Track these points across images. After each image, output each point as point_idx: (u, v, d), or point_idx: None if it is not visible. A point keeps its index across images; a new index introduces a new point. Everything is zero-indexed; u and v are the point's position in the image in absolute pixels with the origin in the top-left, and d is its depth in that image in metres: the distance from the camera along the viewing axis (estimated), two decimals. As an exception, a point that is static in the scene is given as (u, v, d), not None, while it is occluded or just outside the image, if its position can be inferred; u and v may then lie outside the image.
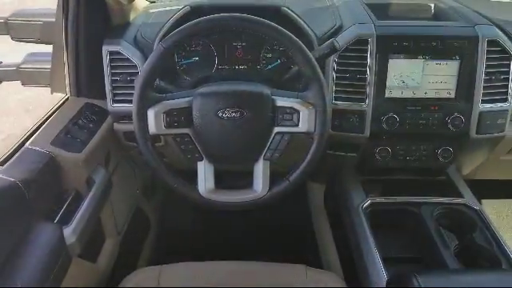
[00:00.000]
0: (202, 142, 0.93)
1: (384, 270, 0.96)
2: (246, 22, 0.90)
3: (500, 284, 0.79)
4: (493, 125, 1.11)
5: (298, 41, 0.90)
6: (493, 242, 1.03)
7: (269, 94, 0.92)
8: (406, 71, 1.10)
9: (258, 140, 0.93)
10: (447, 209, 1.14)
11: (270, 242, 1.67)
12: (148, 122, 0.91)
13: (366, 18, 1.15)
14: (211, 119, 0.90)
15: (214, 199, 0.95)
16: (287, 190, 0.95)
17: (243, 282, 0.96)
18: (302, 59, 0.90)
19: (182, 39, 0.90)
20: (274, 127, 0.92)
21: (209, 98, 0.90)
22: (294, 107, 0.91)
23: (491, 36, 1.08)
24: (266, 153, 0.94)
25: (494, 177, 1.53)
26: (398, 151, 1.19)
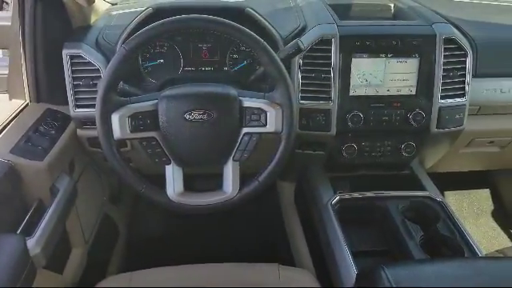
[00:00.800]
0: (169, 145, 0.91)
1: (353, 264, 0.98)
2: (209, 23, 0.90)
3: (463, 271, 0.82)
4: (452, 119, 1.16)
5: (263, 41, 0.90)
6: (455, 232, 1.08)
7: (236, 95, 0.92)
8: (369, 70, 1.13)
9: (227, 141, 0.93)
10: (412, 202, 1.18)
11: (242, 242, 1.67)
12: (112, 127, 0.88)
13: (329, 19, 1.17)
14: (178, 122, 0.89)
15: (183, 202, 0.94)
16: (257, 190, 0.95)
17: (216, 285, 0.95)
18: (267, 60, 0.90)
19: (145, 41, 0.89)
20: (242, 128, 0.93)
21: (175, 101, 0.89)
22: (261, 108, 0.91)
23: (447, 34, 1.13)
24: (235, 154, 0.93)
25: (455, 169, 1.60)
26: (364, 148, 1.22)
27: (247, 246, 1.63)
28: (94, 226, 1.37)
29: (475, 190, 2.02)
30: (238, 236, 1.70)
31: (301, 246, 1.40)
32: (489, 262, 0.88)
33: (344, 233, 1.08)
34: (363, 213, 1.22)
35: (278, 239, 1.59)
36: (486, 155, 1.45)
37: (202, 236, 1.69)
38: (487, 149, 1.40)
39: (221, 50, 1.21)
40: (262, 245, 1.65)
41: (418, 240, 1.05)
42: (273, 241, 1.64)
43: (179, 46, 1.19)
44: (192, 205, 0.95)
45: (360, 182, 1.29)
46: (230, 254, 1.21)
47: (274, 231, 1.64)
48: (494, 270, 0.83)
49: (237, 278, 0.97)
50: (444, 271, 0.83)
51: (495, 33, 1.29)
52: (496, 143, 1.38)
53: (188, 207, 0.95)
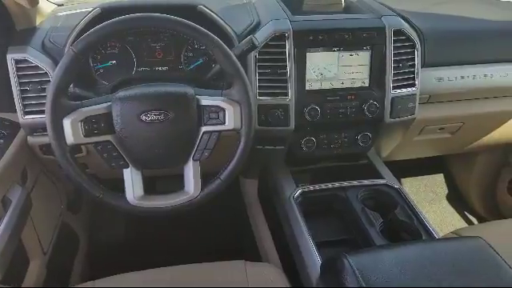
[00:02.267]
0: (125, 148, 0.89)
1: (317, 254, 1.00)
2: (161, 21, 0.88)
3: (421, 254, 0.86)
4: (404, 109, 1.20)
5: (217, 39, 0.89)
6: (413, 217, 1.12)
7: (192, 93, 0.90)
8: (323, 64, 1.15)
9: (186, 141, 0.91)
10: (370, 190, 1.21)
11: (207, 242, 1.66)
12: (65, 133, 0.85)
13: (282, 14, 1.18)
14: (134, 124, 0.87)
15: (144, 206, 0.92)
16: (220, 189, 0.95)
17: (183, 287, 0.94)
18: (222, 57, 0.90)
19: (95, 42, 0.86)
20: (200, 127, 0.92)
21: (129, 102, 0.87)
22: (219, 105, 0.91)
23: (396, 26, 1.16)
24: (195, 153, 0.92)
25: (410, 156, 1.67)
26: (322, 140, 1.25)
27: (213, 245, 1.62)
28: (52, 236, 1.32)
29: (430, 176, 2.12)
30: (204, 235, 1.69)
31: (266, 240, 1.41)
32: (445, 243, 0.92)
33: (307, 225, 1.09)
34: (325, 204, 1.24)
35: (244, 236, 1.59)
36: (438, 141, 1.51)
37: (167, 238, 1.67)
38: (438, 135, 1.47)
39: (175, 49, 1.19)
40: (228, 242, 1.65)
41: (378, 227, 1.09)
42: (239, 238, 1.64)
43: (131, 46, 1.16)
44: (153, 208, 0.93)
45: (321, 173, 1.32)
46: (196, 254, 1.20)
47: (240, 228, 1.64)
48: (449, 251, 0.87)
49: (203, 279, 0.97)
50: (403, 255, 0.86)
51: (441, 23, 1.35)
52: (446, 129, 1.45)
53: (150, 210, 0.93)
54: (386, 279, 0.78)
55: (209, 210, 1.27)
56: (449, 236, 1.13)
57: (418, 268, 0.81)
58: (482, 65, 1.30)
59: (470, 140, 1.57)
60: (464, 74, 1.28)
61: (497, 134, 1.52)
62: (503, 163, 1.84)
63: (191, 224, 1.64)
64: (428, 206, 1.99)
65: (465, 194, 1.99)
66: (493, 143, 1.62)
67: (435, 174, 2.11)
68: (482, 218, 1.92)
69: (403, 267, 0.81)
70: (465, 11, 1.46)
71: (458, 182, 2.03)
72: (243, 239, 1.60)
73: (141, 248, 1.62)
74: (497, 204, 1.89)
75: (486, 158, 1.85)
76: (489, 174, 1.89)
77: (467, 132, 1.48)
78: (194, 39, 0.94)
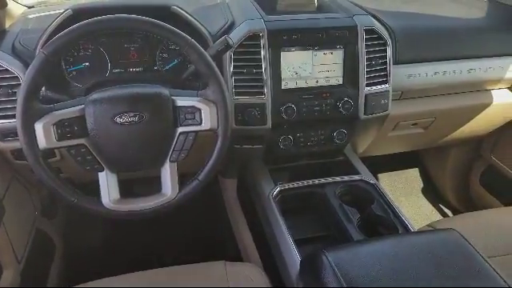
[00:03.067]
0: (100, 151, 0.88)
1: (297, 251, 1.01)
2: (134, 22, 0.87)
3: (397, 247, 0.88)
4: (378, 105, 1.23)
5: (191, 39, 0.89)
6: (389, 211, 1.14)
7: (167, 94, 0.90)
8: (298, 62, 1.17)
9: (162, 142, 0.91)
10: (347, 186, 1.23)
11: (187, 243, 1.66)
12: (37, 137, 0.83)
13: (256, 14, 1.19)
14: (108, 126, 0.86)
15: (120, 209, 0.90)
16: (198, 189, 0.95)
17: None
18: (197, 58, 0.89)
19: (66, 44, 0.84)
20: (177, 128, 0.91)
21: (103, 104, 0.86)
22: (195, 106, 0.90)
23: (368, 25, 1.18)
24: (172, 154, 0.92)
25: (385, 152, 1.70)
26: (299, 138, 1.26)
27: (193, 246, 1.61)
28: (27, 243, 1.28)
29: (405, 170, 2.16)
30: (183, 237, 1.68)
31: (246, 240, 1.41)
32: (420, 236, 0.95)
33: (286, 222, 1.10)
34: (304, 201, 1.25)
35: (224, 235, 1.59)
36: (412, 137, 1.55)
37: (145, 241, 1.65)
38: (412, 130, 1.50)
39: (150, 50, 1.18)
40: (209, 243, 1.64)
41: (356, 222, 1.10)
42: (219, 238, 1.64)
43: (105, 47, 1.15)
44: (130, 211, 0.92)
45: (298, 171, 1.33)
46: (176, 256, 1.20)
47: (220, 228, 1.64)
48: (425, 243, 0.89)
49: (183, 281, 0.96)
50: (380, 249, 0.88)
51: (411, 21, 1.38)
52: (419, 125, 1.48)
53: (126, 214, 0.91)
54: (364, 274, 0.79)
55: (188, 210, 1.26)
56: (424, 229, 1.16)
57: (394, 261, 0.83)
58: (452, 61, 1.34)
59: (443, 134, 1.62)
60: (434, 71, 1.31)
61: (468, 128, 1.57)
62: (475, 156, 1.90)
63: (170, 225, 1.63)
64: (404, 200, 2.04)
65: (439, 187, 2.04)
66: (464, 137, 1.67)
67: (410, 168, 2.16)
68: (456, 210, 1.97)
69: (380, 261, 0.82)
70: (433, 9, 1.50)
71: (433, 175, 2.08)
72: (223, 239, 1.60)
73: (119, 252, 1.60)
74: (470, 196, 1.95)
75: (458, 151, 1.90)
76: (462, 167, 1.95)
77: (439, 127, 1.52)
78: (169, 40, 0.94)
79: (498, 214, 1.28)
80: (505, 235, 1.14)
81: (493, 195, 1.80)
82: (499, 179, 1.75)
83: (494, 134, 1.71)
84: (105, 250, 1.63)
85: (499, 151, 1.75)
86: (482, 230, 1.16)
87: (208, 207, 1.67)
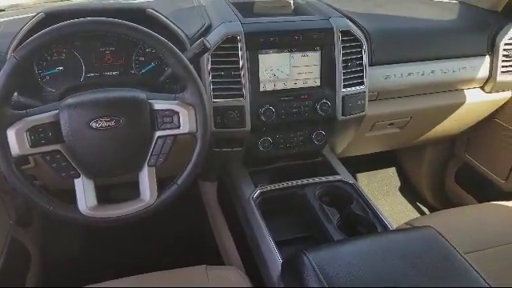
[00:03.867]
0: (76, 157, 0.85)
1: (278, 253, 1.01)
2: (109, 25, 0.86)
3: (376, 246, 0.89)
4: (355, 106, 1.24)
5: (168, 42, 0.88)
6: (368, 210, 1.15)
7: (144, 98, 0.88)
8: (276, 65, 1.17)
9: (139, 147, 0.89)
10: (327, 186, 1.24)
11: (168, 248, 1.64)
12: (9, 144, 0.80)
13: (233, 17, 1.19)
14: (83, 131, 0.84)
15: (98, 216, 0.89)
16: (177, 194, 0.94)
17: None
18: (174, 61, 0.89)
19: (38, 48, 0.82)
20: (154, 132, 0.90)
21: (78, 109, 0.84)
22: (172, 109, 0.89)
23: (344, 27, 1.20)
24: (150, 159, 0.90)
25: (363, 152, 1.73)
26: (279, 140, 1.26)
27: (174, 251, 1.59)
28: (1, 253, 1.24)
29: (383, 170, 2.20)
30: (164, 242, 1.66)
31: (227, 243, 1.41)
32: (398, 234, 0.96)
33: (267, 224, 1.10)
34: (284, 202, 1.25)
35: (205, 239, 1.58)
36: (388, 136, 1.58)
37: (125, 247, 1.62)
38: (388, 130, 1.53)
39: (125, 53, 1.16)
40: (190, 247, 1.63)
41: (336, 222, 1.11)
42: (200, 242, 1.63)
43: (79, 51, 1.12)
44: (108, 217, 0.90)
45: (278, 173, 1.33)
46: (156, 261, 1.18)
47: (201, 232, 1.63)
48: (403, 241, 0.91)
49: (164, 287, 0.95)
50: (360, 248, 0.89)
51: (385, 23, 1.40)
52: (395, 125, 1.51)
53: (104, 220, 0.90)
54: (345, 273, 0.80)
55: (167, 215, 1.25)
56: (402, 227, 1.18)
57: (374, 260, 0.84)
58: (426, 62, 1.37)
59: (418, 134, 1.65)
60: (409, 71, 1.34)
61: (442, 127, 1.61)
62: (450, 154, 1.95)
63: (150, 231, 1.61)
64: (382, 199, 2.07)
65: (416, 185, 2.08)
66: (439, 136, 1.71)
67: (387, 168, 2.20)
68: (432, 207, 2.02)
69: (360, 260, 0.83)
70: (406, 11, 1.53)
71: (410, 174, 2.12)
72: (204, 243, 1.59)
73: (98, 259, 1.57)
74: (446, 193, 1.99)
75: (433, 150, 1.95)
76: (437, 166, 1.99)
77: (415, 126, 1.55)
78: (145, 43, 0.92)
79: (472, 210, 1.32)
80: (480, 231, 1.17)
81: (468, 192, 1.85)
82: (473, 177, 1.80)
83: (467, 133, 1.76)
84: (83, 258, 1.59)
85: (472, 149, 1.81)
86: (457, 226, 1.19)
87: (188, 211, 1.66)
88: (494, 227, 1.19)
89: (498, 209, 1.28)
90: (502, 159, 1.64)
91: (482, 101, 1.52)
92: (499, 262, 1.09)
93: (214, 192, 1.57)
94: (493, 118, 1.64)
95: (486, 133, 1.70)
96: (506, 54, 1.44)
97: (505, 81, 1.47)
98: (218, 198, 1.56)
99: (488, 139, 1.70)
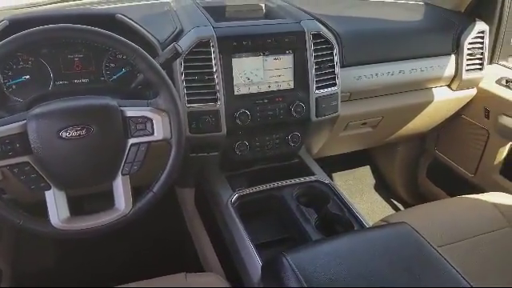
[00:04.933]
0: (46, 168, 0.83)
1: (258, 256, 1.01)
2: (77, 32, 0.84)
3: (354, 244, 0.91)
4: (328, 107, 1.26)
5: (138, 48, 0.87)
6: (344, 209, 1.17)
7: (116, 105, 0.87)
8: (249, 68, 1.17)
9: (112, 156, 0.87)
10: (304, 187, 1.25)
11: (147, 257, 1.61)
12: None
13: (205, 21, 1.18)
14: (53, 142, 0.81)
15: (71, 229, 0.86)
16: (153, 202, 0.92)
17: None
18: (145, 66, 0.87)
19: (3, 56, 0.79)
20: (127, 139, 0.88)
21: (47, 119, 0.81)
22: (145, 116, 0.88)
23: (314, 30, 1.21)
24: (124, 167, 0.88)
25: (338, 152, 1.75)
26: (255, 143, 1.27)
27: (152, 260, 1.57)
28: None
29: (358, 168, 2.24)
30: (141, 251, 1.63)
31: (207, 249, 1.40)
32: (374, 232, 0.98)
33: (246, 228, 1.10)
34: (262, 205, 1.26)
35: (184, 246, 1.57)
36: (362, 136, 1.61)
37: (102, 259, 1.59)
38: (361, 130, 1.56)
39: (95, 60, 1.14)
40: (168, 255, 1.61)
41: (314, 222, 1.12)
42: (179, 249, 1.61)
43: (46, 59, 1.09)
44: (83, 229, 0.87)
45: (256, 176, 1.33)
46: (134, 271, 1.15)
47: (179, 239, 1.61)
48: (379, 238, 0.93)
49: None
50: (338, 247, 0.90)
51: (355, 26, 1.43)
52: (368, 124, 1.54)
53: (78, 232, 0.87)
54: (324, 273, 0.80)
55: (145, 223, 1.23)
56: (378, 224, 1.20)
57: (352, 258, 0.85)
58: (395, 62, 1.40)
59: (390, 132, 1.69)
60: (379, 72, 1.37)
61: (413, 124, 1.65)
62: (421, 151, 2.00)
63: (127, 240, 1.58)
64: (359, 197, 2.10)
65: (390, 182, 2.13)
66: (410, 133, 1.75)
67: (362, 166, 2.24)
68: (406, 203, 2.07)
69: (339, 259, 0.84)
70: (375, 13, 1.57)
71: (383, 172, 2.17)
72: (183, 250, 1.57)
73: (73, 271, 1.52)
74: (418, 189, 2.05)
75: (405, 147, 2.00)
76: (409, 162, 2.04)
77: (387, 125, 1.58)
78: (115, 49, 0.91)
79: (444, 204, 1.36)
80: (452, 225, 1.21)
81: (439, 187, 1.90)
82: (444, 172, 1.86)
83: (436, 130, 1.81)
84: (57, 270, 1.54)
85: (442, 145, 1.86)
86: (431, 221, 1.22)
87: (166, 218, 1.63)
88: (465, 220, 1.23)
89: (467, 202, 1.32)
90: (470, 154, 1.70)
91: (449, 98, 1.57)
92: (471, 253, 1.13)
93: (192, 198, 1.56)
94: (460, 114, 1.70)
95: (454, 129, 1.76)
96: (470, 52, 1.50)
97: (470, 78, 1.53)
98: (195, 203, 1.55)
99: (456, 135, 1.76)
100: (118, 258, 1.60)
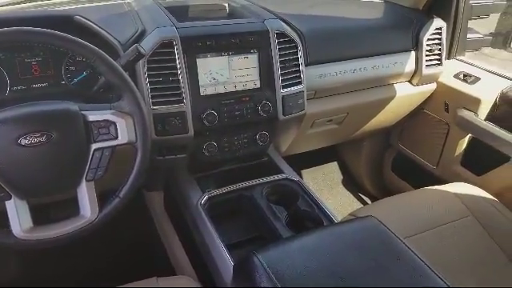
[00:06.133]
0: (5, 177, 0.79)
1: (229, 256, 1.01)
2: (33, 35, 0.80)
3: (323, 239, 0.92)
4: (295, 105, 1.27)
5: (98, 50, 0.85)
6: (313, 205, 1.19)
7: (77, 109, 0.84)
8: (215, 68, 1.17)
9: (75, 162, 0.85)
10: (273, 186, 1.26)
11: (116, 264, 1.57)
12: None
13: (168, 22, 1.17)
14: (11, 150, 0.78)
15: (35, 239, 0.83)
16: (120, 207, 0.90)
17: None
18: (106, 69, 0.85)
19: None
20: (90, 144, 0.86)
21: (4, 126, 0.78)
22: (108, 119, 0.86)
23: (278, 29, 1.22)
24: (88, 173, 0.86)
25: (306, 149, 1.77)
26: (223, 144, 1.26)
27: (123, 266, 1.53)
28: None
29: (326, 165, 2.27)
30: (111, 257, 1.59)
31: (178, 252, 1.38)
32: (343, 226, 1.00)
33: (217, 229, 1.10)
34: (233, 205, 1.26)
35: (155, 250, 1.54)
36: (328, 132, 1.63)
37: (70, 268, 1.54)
38: (328, 127, 1.58)
39: (54, 63, 1.10)
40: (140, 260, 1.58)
41: (284, 220, 1.13)
42: (150, 253, 1.58)
43: (2, 63, 1.05)
44: (47, 239, 0.84)
45: (225, 177, 1.33)
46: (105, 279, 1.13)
47: (150, 243, 1.58)
48: (347, 232, 0.95)
49: None
50: (307, 243, 0.91)
51: (318, 24, 1.45)
52: (334, 121, 1.57)
53: (42, 242, 0.84)
54: (295, 268, 0.81)
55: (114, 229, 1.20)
56: (346, 218, 1.22)
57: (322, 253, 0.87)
58: (358, 59, 1.43)
59: (355, 128, 1.73)
60: (343, 69, 1.40)
61: (377, 120, 1.70)
62: (386, 146, 2.06)
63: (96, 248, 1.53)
64: (328, 193, 2.14)
65: (357, 177, 2.18)
66: (375, 129, 1.80)
67: (330, 162, 2.28)
68: (373, 197, 2.12)
69: (309, 255, 0.86)
70: (337, 12, 1.60)
71: (350, 167, 2.21)
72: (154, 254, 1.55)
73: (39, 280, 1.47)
74: (384, 182, 2.10)
75: (370, 142, 2.05)
76: (374, 157, 2.09)
77: (352, 121, 1.62)
78: (73, 52, 0.88)
79: (409, 197, 1.40)
80: (416, 216, 1.25)
81: (404, 180, 1.96)
82: (408, 165, 1.92)
83: (400, 124, 1.87)
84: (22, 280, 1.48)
85: (405, 139, 1.92)
86: (396, 213, 1.26)
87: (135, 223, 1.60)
88: (429, 211, 1.27)
89: (431, 194, 1.37)
90: (432, 147, 1.76)
91: (411, 93, 1.62)
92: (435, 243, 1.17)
93: (161, 201, 1.54)
94: (422, 108, 1.76)
95: (417, 123, 1.82)
96: (428, 48, 1.55)
97: (429, 73, 1.58)
98: (165, 207, 1.53)
99: (419, 129, 1.82)
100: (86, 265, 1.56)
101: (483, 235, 1.21)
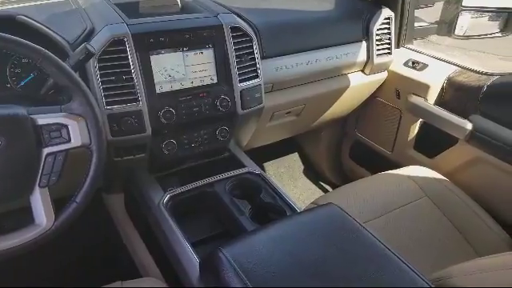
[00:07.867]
0: None
1: (195, 254, 1.01)
2: None
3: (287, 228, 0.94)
4: (252, 99, 1.28)
5: (44, 50, 0.81)
6: (276, 197, 1.20)
7: (25, 113, 0.80)
8: (170, 65, 1.15)
9: (26, 168, 0.81)
10: (236, 180, 1.26)
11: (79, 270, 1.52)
12: None
13: (118, 18, 1.13)
14: None
15: None
16: (77, 213, 0.87)
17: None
18: (54, 70, 0.82)
19: None
20: (42, 149, 0.82)
21: None
22: (59, 122, 0.82)
23: (232, 23, 1.22)
24: (41, 179, 0.82)
25: (267, 142, 1.79)
26: (183, 141, 1.25)
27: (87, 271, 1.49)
28: None
29: (288, 156, 2.31)
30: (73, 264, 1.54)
31: (142, 254, 1.35)
32: (305, 215, 1.02)
33: (181, 227, 1.08)
34: (196, 203, 1.25)
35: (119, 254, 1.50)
36: (287, 124, 1.66)
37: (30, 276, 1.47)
38: (286, 119, 1.60)
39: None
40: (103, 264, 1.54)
41: (248, 213, 1.14)
42: (113, 257, 1.54)
43: None
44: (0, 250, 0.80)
45: (187, 174, 1.32)
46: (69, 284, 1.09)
47: (112, 247, 1.54)
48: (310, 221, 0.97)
49: None
50: (272, 234, 0.92)
51: (271, 17, 1.46)
52: (292, 113, 1.59)
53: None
54: (261, 261, 0.82)
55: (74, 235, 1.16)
56: (309, 207, 1.25)
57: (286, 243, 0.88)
58: (312, 51, 1.46)
59: (313, 118, 1.76)
60: (298, 62, 1.42)
61: (333, 109, 1.74)
62: (343, 134, 2.11)
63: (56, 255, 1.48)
64: (291, 184, 2.17)
65: (317, 166, 2.23)
66: (331, 118, 1.84)
67: (291, 153, 2.31)
68: (333, 184, 2.18)
69: (273, 245, 0.87)
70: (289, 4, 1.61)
71: (310, 157, 2.26)
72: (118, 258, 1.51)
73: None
74: (343, 170, 2.16)
75: (328, 131, 2.10)
76: (333, 146, 2.15)
77: (309, 112, 1.65)
78: (17, 53, 0.84)
79: (366, 182, 1.45)
80: (374, 200, 1.30)
81: (362, 166, 2.03)
82: (365, 151, 1.98)
83: (355, 113, 1.92)
84: None
85: (361, 127, 1.98)
86: (355, 199, 1.30)
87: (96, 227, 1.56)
88: (386, 195, 1.32)
89: (387, 178, 1.43)
90: (387, 133, 1.83)
91: (364, 82, 1.67)
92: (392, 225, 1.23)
93: (122, 204, 1.50)
94: (375, 96, 1.82)
95: (371, 111, 1.88)
96: (378, 38, 1.60)
97: (380, 62, 1.64)
98: (126, 209, 1.49)
99: (373, 116, 1.88)
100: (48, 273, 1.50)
101: (438, 214, 1.28)
